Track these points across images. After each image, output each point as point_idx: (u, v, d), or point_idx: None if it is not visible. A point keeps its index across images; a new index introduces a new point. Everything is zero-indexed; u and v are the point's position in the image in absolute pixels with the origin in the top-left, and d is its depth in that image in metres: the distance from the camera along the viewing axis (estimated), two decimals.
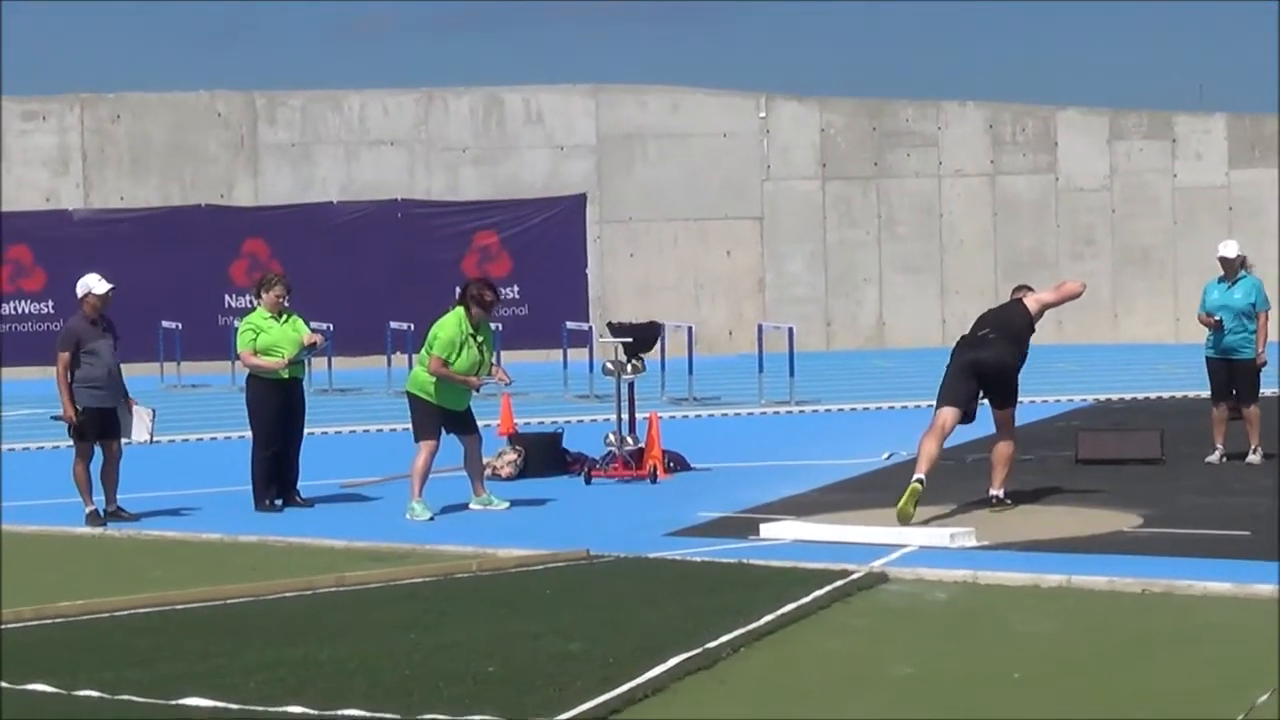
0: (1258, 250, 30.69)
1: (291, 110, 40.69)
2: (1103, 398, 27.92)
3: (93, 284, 18.17)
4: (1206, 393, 20.25)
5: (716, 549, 15.15)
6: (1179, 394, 25.97)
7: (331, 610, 13.19)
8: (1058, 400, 27.44)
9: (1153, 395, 27.49)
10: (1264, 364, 19.95)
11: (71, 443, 17.98)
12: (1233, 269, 19.94)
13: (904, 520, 15.73)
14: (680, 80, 42.83)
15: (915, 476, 15.91)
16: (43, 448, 23.27)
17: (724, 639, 11.24)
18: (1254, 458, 19.48)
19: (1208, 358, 20.07)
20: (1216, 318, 19.77)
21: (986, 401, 16.92)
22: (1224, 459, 19.55)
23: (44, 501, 18.75)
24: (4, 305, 39.10)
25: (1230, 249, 20.26)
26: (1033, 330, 17.10)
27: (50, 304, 37.16)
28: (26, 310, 38.65)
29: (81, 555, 16.37)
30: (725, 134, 40.51)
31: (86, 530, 17.40)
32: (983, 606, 12.79)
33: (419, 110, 40.58)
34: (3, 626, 12.43)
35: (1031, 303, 17.17)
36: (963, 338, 17.25)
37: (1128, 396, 27.82)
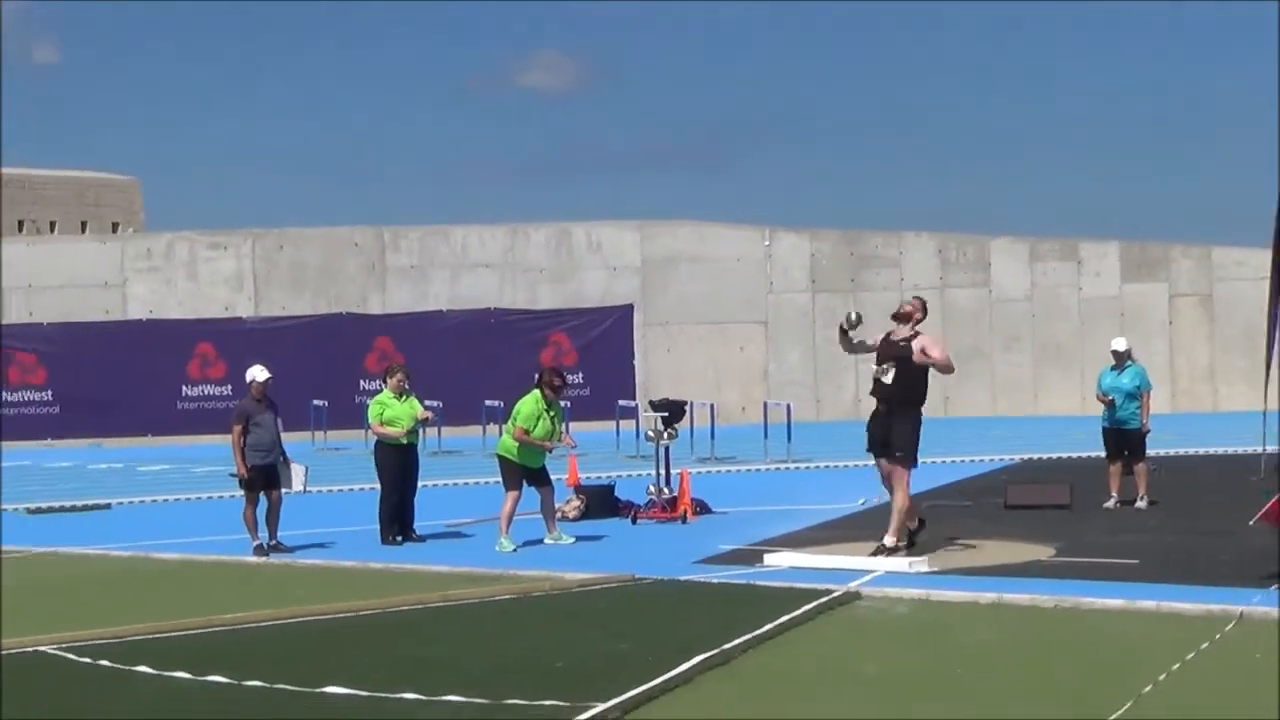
0: (1144, 346, 30.69)
1: (411, 240, 40.89)
2: (1026, 457, 27.80)
3: (256, 373, 18.31)
4: (1104, 454, 20.16)
5: (732, 574, 15.11)
6: (1083, 454, 25.81)
7: (438, 620, 13.19)
8: (991, 459, 27.34)
9: (1064, 455, 27.38)
10: (1148, 432, 19.87)
11: (243, 492, 18.07)
12: (1122, 360, 19.89)
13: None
14: (704, 216, 42.86)
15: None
16: (222, 497, 23.29)
17: (736, 642, 11.24)
18: (1140, 504, 19.40)
19: (1104, 428, 19.98)
20: (1110, 398, 19.75)
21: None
22: (1118, 505, 19.46)
23: (223, 538, 18.76)
24: (196, 389, 39.41)
25: (1120, 344, 20.17)
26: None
27: (229, 388, 37.25)
28: (212, 393, 38.82)
29: (250, 579, 16.40)
30: (738, 258, 40.50)
31: (254, 559, 17.44)
32: (933, 619, 12.73)
33: (507, 240, 40.71)
34: (127, 639, 12.52)
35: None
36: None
37: (1045, 456, 27.71)
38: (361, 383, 38.06)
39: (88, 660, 11.43)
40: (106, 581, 16.44)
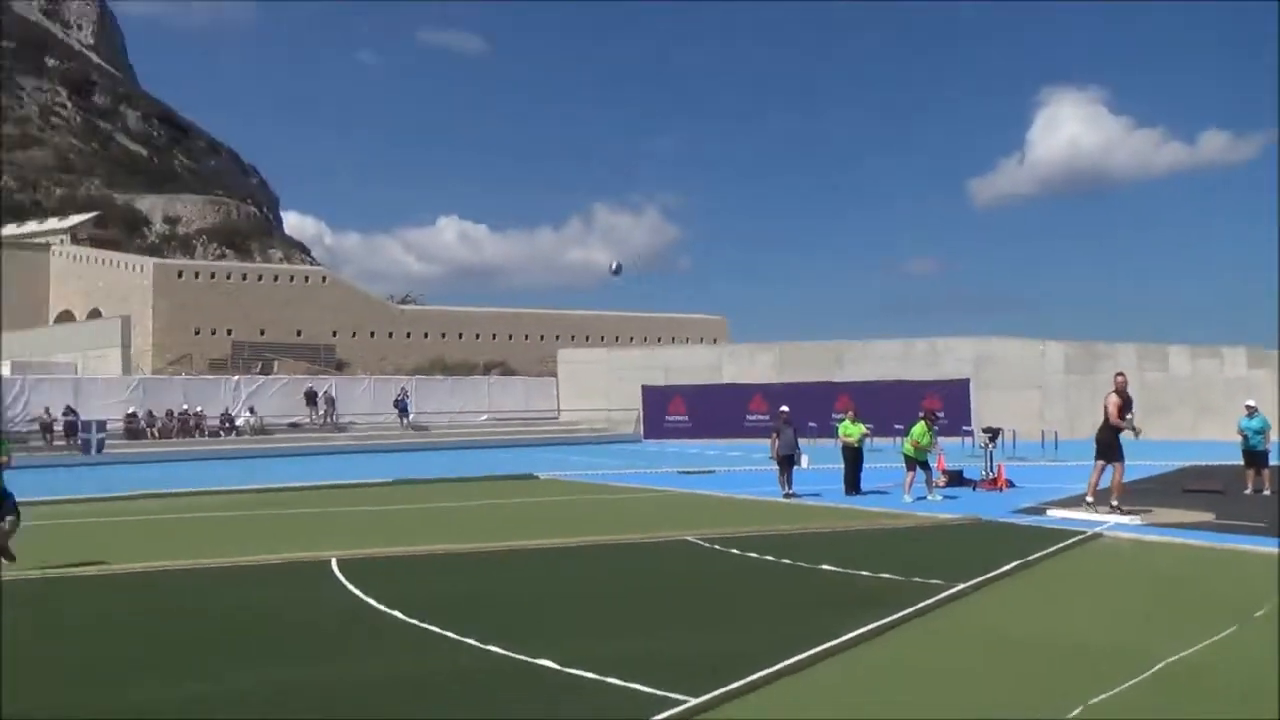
0: (1263, 405, 26.57)
1: (855, 346, 40.17)
2: (1193, 464, 24.46)
3: (780, 410, 18.42)
4: (1242, 464, 17.57)
5: (1029, 520, 14.04)
6: (1229, 463, 22.53)
7: (874, 537, 12.79)
8: (1171, 464, 24.25)
9: (1218, 462, 23.97)
10: (1269, 451, 17.35)
11: (776, 468, 17.96)
12: (1252, 411, 17.42)
13: None
14: (1004, 333, 40.15)
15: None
16: (763, 469, 23.39)
17: (1034, 556, 10.49)
18: (1266, 492, 16.75)
19: (1242, 450, 17.48)
20: (1245, 433, 17.32)
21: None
22: (1252, 492, 16.88)
23: (768, 488, 18.79)
24: (753, 416, 39.47)
25: (1252, 401, 17.83)
26: (1112, 425, 13.65)
27: (768, 416, 37.10)
28: (761, 419, 38.23)
29: (781, 510, 16.27)
30: (1024, 355, 37.83)
31: (783, 500, 17.30)
32: (1143, 551, 11.45)
33: (902, 348, 39.36)
34: (725, 535, 12.49)
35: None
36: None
37: (1205, 464, 24.33)
38: (832, 415, 37.45)
39: (708, 545, 11.70)
40: (716, 507, 16.74)
